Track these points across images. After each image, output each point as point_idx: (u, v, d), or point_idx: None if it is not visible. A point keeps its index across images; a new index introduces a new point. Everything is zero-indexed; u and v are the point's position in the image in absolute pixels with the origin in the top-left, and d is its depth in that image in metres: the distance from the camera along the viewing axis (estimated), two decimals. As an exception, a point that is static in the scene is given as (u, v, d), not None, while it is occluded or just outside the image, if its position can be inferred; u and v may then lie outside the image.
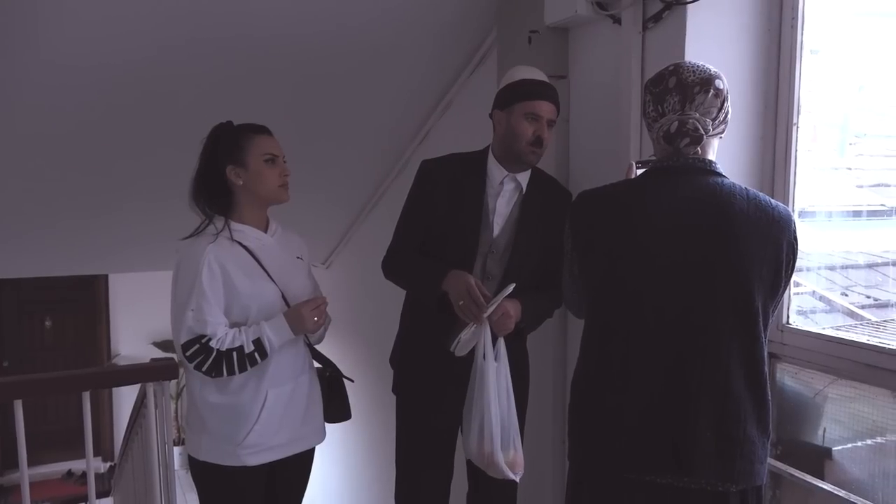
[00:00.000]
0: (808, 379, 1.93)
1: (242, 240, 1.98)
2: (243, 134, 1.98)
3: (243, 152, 1.96)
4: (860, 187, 2.17)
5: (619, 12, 2.12)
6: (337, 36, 2.75)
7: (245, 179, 1.96)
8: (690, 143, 1.50)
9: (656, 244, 1.49)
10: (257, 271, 1.97)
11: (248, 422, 1.95)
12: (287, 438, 2.03)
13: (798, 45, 1.93)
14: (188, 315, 1.88)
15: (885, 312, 2.00)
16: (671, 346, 1.47)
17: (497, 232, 2.08)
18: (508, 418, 1.93)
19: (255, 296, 1.95)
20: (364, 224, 4.55)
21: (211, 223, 1.97)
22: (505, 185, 2.09)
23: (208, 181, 1.98)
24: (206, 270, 1.89)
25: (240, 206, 2.00)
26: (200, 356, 1.88)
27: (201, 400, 1.99)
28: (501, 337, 1.95)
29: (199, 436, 2.01)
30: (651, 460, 1.49)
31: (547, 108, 2.02)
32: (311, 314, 1.98)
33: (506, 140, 2.05)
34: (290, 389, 2.03)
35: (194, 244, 1.94)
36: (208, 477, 2.04)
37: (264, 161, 1.96)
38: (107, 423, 7.82)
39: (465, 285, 1.92)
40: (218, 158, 1.97)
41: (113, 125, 3.08)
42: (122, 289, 7.65)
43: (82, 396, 2.47)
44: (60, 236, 4.18)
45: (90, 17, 2.43)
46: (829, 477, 1.87)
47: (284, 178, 2.01)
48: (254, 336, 1.90)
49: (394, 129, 3.59)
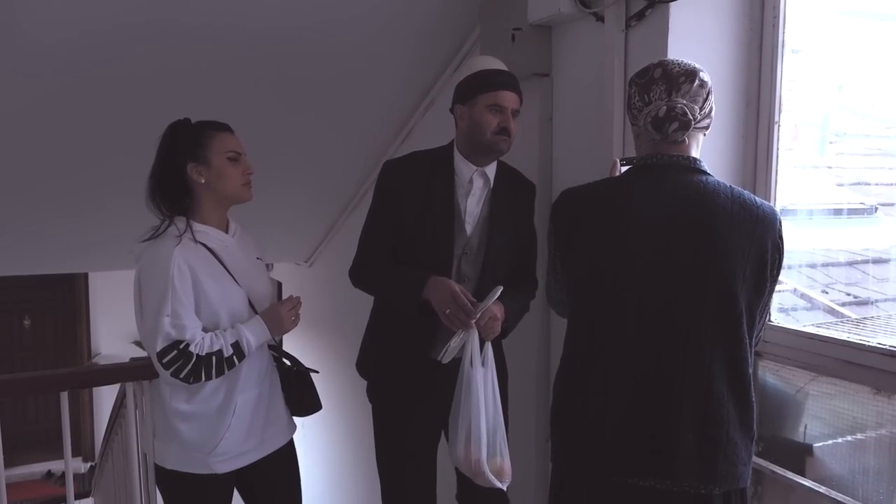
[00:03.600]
0: (789, 376, 1.94)
1: (206, 241, 1.91)
2: (204, 131, 1.91)
3: (205, 150, 1.89)
4: (840, 186, 2.19)
5: (601, 10, 2.12)
6: (319, 33, 2.73)
7: (207, 178, 1.89)
8: (679, 128, 1.49)
9: (639, 242, 1.49)
10: (222, 274, 1.92)
11: (218, 430, 1.92)
12: (255, 443, 2.00)
13: (779, 45, 1.94)
14: (164, 321, 1.79)
15: (864, 310, 2.02)
16: (653, 347, 1.47)
17: (469, 232, 2.04)
18: (495, 425, 1.90)
19: (224, 301, 1.90)
20: (347, 222, 4.53)
21: (172, 224, 1.89)
22: (474, 182, 2.03)
23: (167, 180, 1.90)
24: (176, 273, 1.80)
25: (201, 205, 1.93)
26: (179, 362, 1.81)
27: (171, 408, 1.92)
28: (488, 341, 1.94)
29: (168, 444, 1.96)
30: (633, 463, 1.48)
31: (510, 97, 1.95)
32: (290, 314, 1.96)
33: (471, 134, 1.98)
34: (256, 395, 2.00)
35: (159, 246, 1.85)
36: (175, 485, 2.00)
37: (227, 159, 1.90)
38: (87, 423, 7.75)
39: (449, 293, 1.87)
40: (178, 156, 1.89)
41: (93, 122, 3.04)
42: (103, 287, 7.58)
43: (60, 397, 2.43)
44: (39, 234, 4.13)
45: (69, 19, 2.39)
46: (810, 473, 1.88)
47: (248, 176, 1.94)
48: (232, 339, 1.86)
49: (376, 127, 3.58)
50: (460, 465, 1.94)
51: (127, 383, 2.69)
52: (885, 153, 2.12)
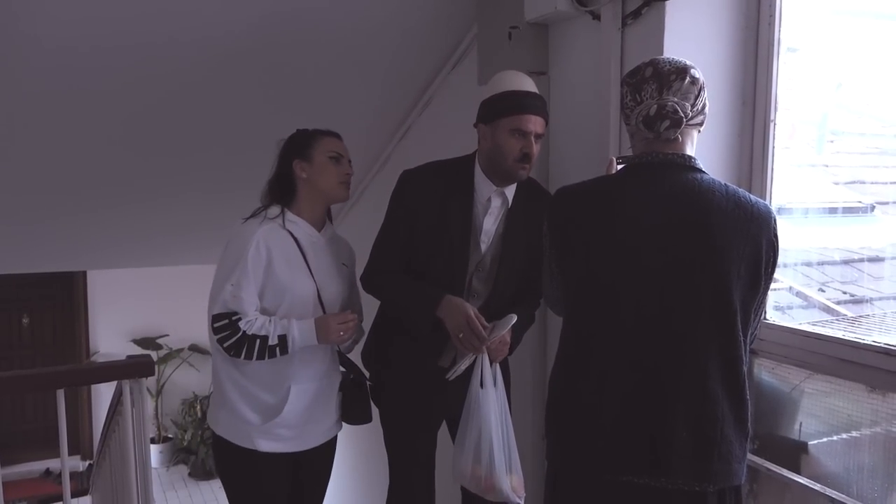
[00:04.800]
0: (784, 374, 1.94)
1: (293, 230, 2.04)
2: (314, 134, 2.10)
3: (311, 148, 2.06)
4: (836, 184, 2.19)
5: (598, 9, 2.12)
6: (314, 32, 2.72)
7: (308, 173, 2.05)
8: (671, 126, 1.48)
9: (634, 241, 1.49)
10: (299, 263, 2.03)
11: (269, 411, 2.02)
12: (299, 433, 2.08)
13: (776, 43, 1.94)
14: (227, 288, 1.93)
15: (860, 308, 2.02)
16: (648, 346, 1.47)
17: (484, 250, 2.02)
18: (508, 443, 1.92)
19: (291, 286, 2.00)
20: (344, 222, 4.53)
21: (265, 210, 2.05)
22: (493, 201, 2.00)
23: (278, 175, 2.09)
24: (252, 249, 1.94)
25: (300, 199, 2.08)
26: (226, 332, 1.93)
27: (225, 374, 2.04)
28: (497, 362, 1.96)
29: (219, 409, 2.08)
30: (628, 461, 1.48)
31: (534, 122, 1.89)
32: (338, 328, 2.01)
33: (491, 156, 1.94)
34: (313, 388, 2.08)
35: (247, 225, 2.02)
36: (224, 452, 2.10)
37: (329, 157, 2.06)
38: (86, 421, 7.73)
39: (464, 317, 1.87)
40: (288, 154, 2.08)
41: (90, 120, 3.04)
42: (101, 286, 7.56)
43: (57, 394, 2.43)
44: (37, 232, 4.13)
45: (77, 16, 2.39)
46: (806, 471, 1.88)
47: (346, 176, 2.09)
48: (280, 331, 1.95)
49: (373, 127, 3.57)
50: (465, 481, 1.95)
51: (124, 381, 2.69)
52: (882, 152, 2.12)
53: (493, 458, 1.87)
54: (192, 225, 4.39)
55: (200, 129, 3.21)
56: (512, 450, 1.93)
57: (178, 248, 5.12)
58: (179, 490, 7.01)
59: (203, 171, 3.63)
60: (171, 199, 3.90)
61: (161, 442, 7.48)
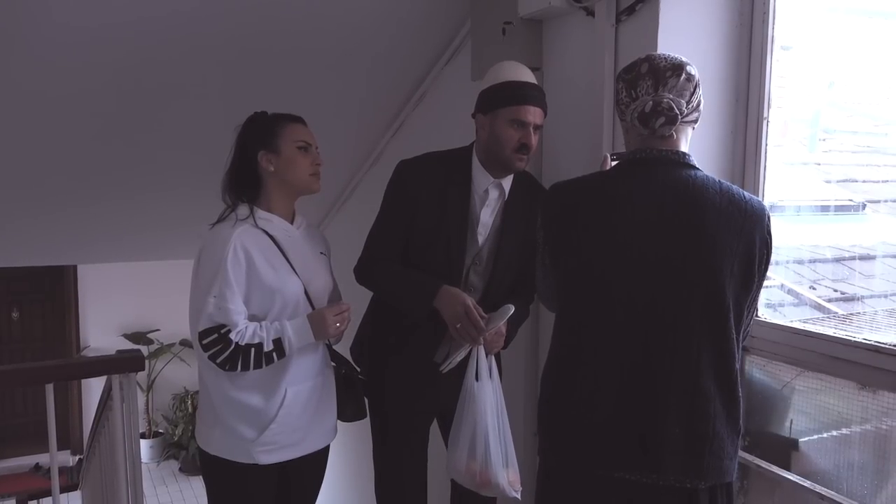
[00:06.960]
0: (775, 371, 1.95)
1: (268, 229, 1.92)
2: (277, 121, 1.96)
3: (277, 137, 1.93)
4: (828, 182, 2.20)
5: (592, 5, 2.12)
6: (308, 27, 2.71)
7: (276, 166, 1.93)
8: (666, 123, 1.48)
9: (628, 237, 1.48)
10: (282, 262, 1.91)
11: (264, 419, 1.89)
12: (301, 438, 1.98)
13: (769, 41, 1.94)
14: (209, 301, 1.80)
15: (851, 306, 2.03)
16: (640, 342, 1.47)
17: (481, 243, 2.02)
18: (504, 436, 1.91)
19: (281, 288, 1.89)
20: (336, 217, 4.52)
21: (234, 211, 1.92)
22: (490, 193, 2.00)
23: (240, 169, 1.95)
24: (231, 256, 1.82)
25: (268, 194, 1.96)
26: (217, 346, 1.80)
27: (216, 391, 1.91)
28: (492, 355, 1.95)
29: (212, 429, 1.95)
30: (620, 456, 1.49)
31: (534, 113, 1.89)
32: (335, 320, 1.92)
33: (489, 146, 1.94)
34: (309, 388, 1.97)
35: (219, 230, 1.88)
36: (218, 471, 1.98)
37: (297, 148, 1.94)
38: (76, 415, 7.70)
39: (462, 307, 1.86)
40: (250, 145, 1.94)
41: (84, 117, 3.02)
42: (92, 280, 7.53)
43: (46, 389, 2.42)
44: (27, 227, 4.10)
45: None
46: (796, 468, 1.89)
47: (316, 166, 1.98)
48: (275, 335, 1.84)
49: (366, 122, 3.56)
50: (459, 477, 1.94)
51: (113, 376, 2.68)
52: (874, 150, 2.13)
53: (489, 452, 1.86)
54: (183, 219, 4.35)
55: (191, 123, 3.18)
56: (508, 443, 1.92)
57: (170, 243, 5.09)
58: (170, 485, 6.99)
59: (193, 165, 3.61)
60: (163, 193, 3.87)
61: (152, 437, 7.45)
